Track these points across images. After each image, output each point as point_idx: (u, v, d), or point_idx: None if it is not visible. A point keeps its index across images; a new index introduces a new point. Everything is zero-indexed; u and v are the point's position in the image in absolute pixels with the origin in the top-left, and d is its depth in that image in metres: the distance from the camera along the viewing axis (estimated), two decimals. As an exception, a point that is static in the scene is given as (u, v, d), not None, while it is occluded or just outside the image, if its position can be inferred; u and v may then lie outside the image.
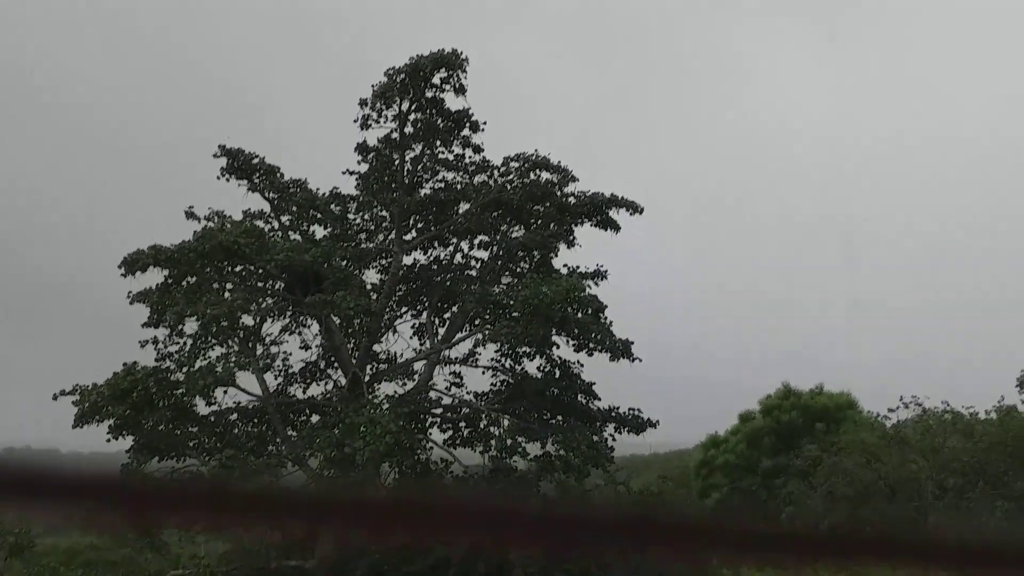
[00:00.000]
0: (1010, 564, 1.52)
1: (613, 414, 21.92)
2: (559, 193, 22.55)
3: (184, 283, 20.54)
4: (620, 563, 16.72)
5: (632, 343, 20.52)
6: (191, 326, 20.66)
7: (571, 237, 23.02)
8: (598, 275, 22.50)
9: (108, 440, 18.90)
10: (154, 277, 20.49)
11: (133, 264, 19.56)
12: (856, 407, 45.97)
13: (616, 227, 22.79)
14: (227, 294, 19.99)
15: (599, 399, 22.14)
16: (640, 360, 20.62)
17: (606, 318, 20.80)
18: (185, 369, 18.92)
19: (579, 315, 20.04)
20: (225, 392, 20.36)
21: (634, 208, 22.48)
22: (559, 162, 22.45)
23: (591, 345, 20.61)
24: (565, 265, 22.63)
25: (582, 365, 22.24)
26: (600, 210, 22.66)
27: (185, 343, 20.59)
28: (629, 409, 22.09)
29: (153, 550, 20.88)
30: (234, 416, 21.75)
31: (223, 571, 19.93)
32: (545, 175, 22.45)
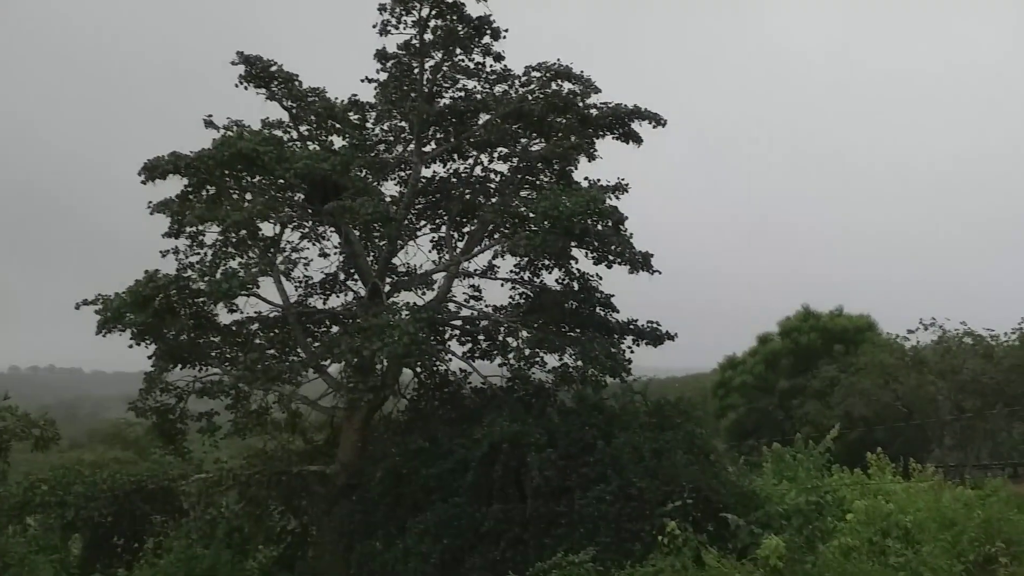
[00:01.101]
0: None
1: (631, 327, 21.92)
2: (581, 104, 22.22)
3: (204, 192, 20.57)
4: (636, 465, 16.89)
5: (652, 255, 20.41)
6: (211, 238, 20.82)
7: (592, 150, 22.77)
8: (619, 188, 22.31)
9: (131, 346, 19.06)
10: (174, 187, 20.54)
11: (153, 170, 19.53)
12: (875, 329, 46.02)
13: (639, 140, 22.52)
14: (246, 203, 19.95)
15: (617, 311, 22.14)
16: (660, 272, 20.50)
17: (626, 230, 20.67)
18: (207, 278, 19.02)
19: (599, 227, 19.89)
20: (247, 301, 20.50)
21: (657, 120, 22.17)
22: (581, 72, 22.14)
23: (610, 257, 20.49)
24: (586, 178, 22.44)
25: (601, 278, 22.24)
26: (622, 122, 22.36)
27: (206, 253, 20.73)
28: (648, 322, 22.06)
29: (177, 456, 21.29)
30: (255, 326, 21.92)
31: (245, 475, 20.31)
32: (567, 85, 22.11)
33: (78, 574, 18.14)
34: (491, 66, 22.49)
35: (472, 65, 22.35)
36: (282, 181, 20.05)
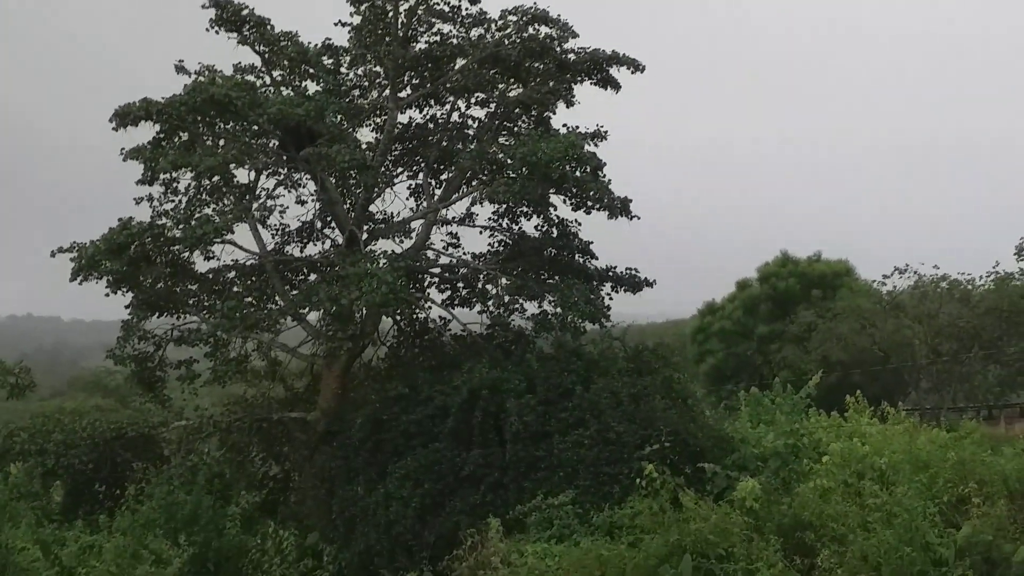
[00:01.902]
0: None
1: (610, 273, 21.95)
2: (558, 49, 21.99)
3: (177, 139, 20.31)
4: (615, 409, 17.03)
5: (631, 200, 20.37)
6: (185, 185, 20.61)
7: (571, 96, 22.58)
8: (597, 136, 22.21)
9: (107, 295, 18.97)
10: (146, 134, 20.27)
11: (124, 117, 19.24)
12: (853, 274, 46.33)
13: (616, 86, 22.36)
14: (220, 150, 19.73)
15: (596, 258, 22.15)
16: (639, 218, 20.51)
17: (605, 176, 20.58)
18: (181, 225, 18.87)
19: (578, 173, 19.80)
20: (223, 249, 20.39)
21: (635, 66, 21.98)
22: (559, 16, 21.85)
23: (589, 203, 20.44)
24: (564, 125, 22.30)
25: (580, 224, 22.20)
26: (600, 68, 22.16)
27: (180, 200, 20.55)
28: (626, 269, 22.10)
29: (157, 404, 21.29)
30: (232, 274, 21.83)
31: (226, 422, 20.37)
32: (544, 30, 21.84)
33: (60, 520, 18.18)
34: (467, 9, 22.14)
35: (447, 8, 21.98)
36: (256, 127, 19.82)
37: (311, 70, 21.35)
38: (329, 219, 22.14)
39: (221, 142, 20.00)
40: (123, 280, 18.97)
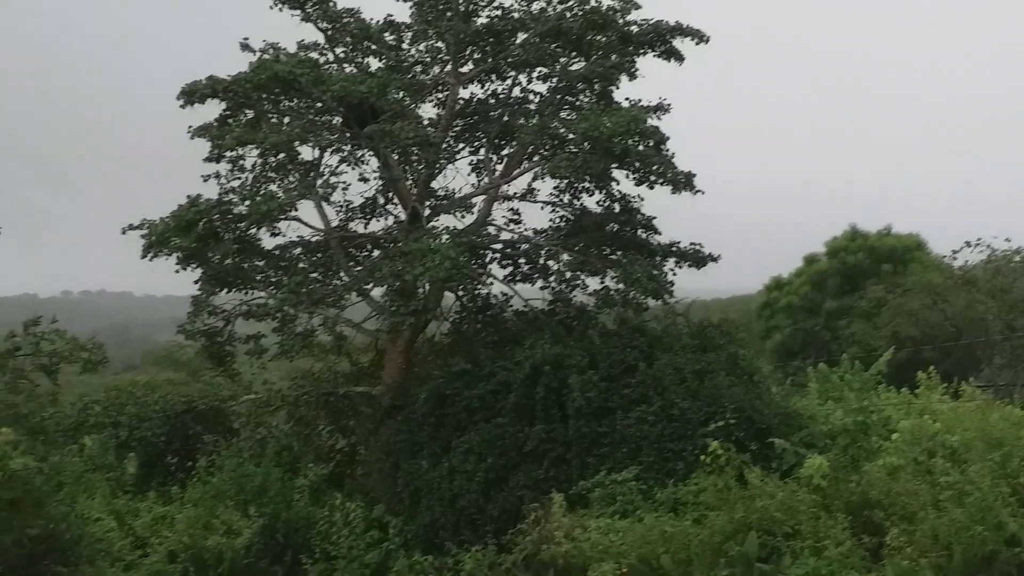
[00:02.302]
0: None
1: (673, 248, 21.71)
2: (621, 21, 21.72)
3: (242, 116, 20.58)
4: (678, 386, 16.91)
5: (695, 175, 20.10)
6: (251, 162, 20.90)
7: (633, 69, 22.31)
8: (660, 109, 21.86)
9: (177, 271, 19.36)
10: (213, 112, 20.58)
11: (191, 95, 19.54)
12: (924, 249, 45.21)
13: (680, 57, 22.04)
14: (285, 127, 19.93)
15: (659, 233, 21.92)
16: (702, 192, 20.20)
17: (668, 150, 20.33)
18: (247, 202, 19.14)
19: (640, 147, 19.59)
20: (289, 225, 20.65)
21: (700, 37, 21.63)
22: (620, -13, 21.54)
23: (652, 178, 20.20)
24: (627, 98, 22.05)
25: (643, 199, 21.97)
26: (664, 39, 21.85)
27: (246, 177, 20.85)
28: (690, 244, 21.85)
29: (226, 377, 21.72)
30: (298, 250, 22.10)
31: (293, 396, 20.69)
32: (607, 2, 21.54)
33: (134, 491, 18.72)
34: (529, -19, 21.94)
35: (509, -19, 21.80)
36: (319, 104, 19.96)
37: (373, 46, 21.36)
38: (392, 195, 22.28)
39: (286, 119, 20.20)
40: (192, 256, 19.32)
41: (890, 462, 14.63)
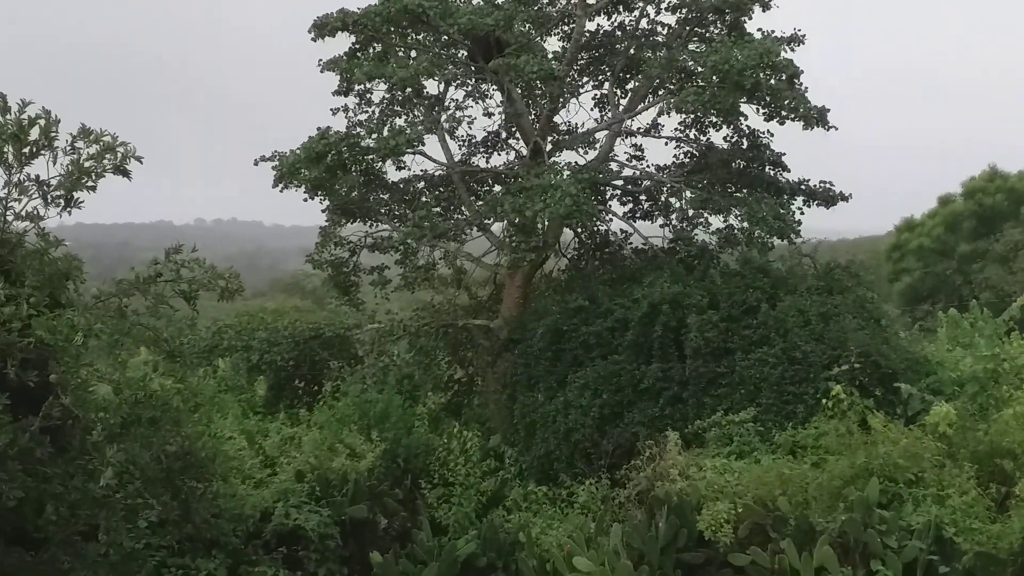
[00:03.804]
0: None
1: (802, 187, 21.11)
2: (757, -53, 20.92)
3: (371, 50, 20.80)
4: (802, 328, 16.60)
5: (828, 110, 19.41)
6: (378, 95, 21.18)
7: (767, -1, 21.49)
8: (795, 40, 21.04)
9: (305, 200, 19.90)
10: (342, 45, 20.87)
11: (322, 28, 19.86)
12: (1070, 191, 42.72)
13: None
14: (412, 61, 20.06)
15: (788, 171, 21.32)
16: (836, 128, 19.55)
17: (801, 84, 19.65)
18: (375, 135, 19.45)
19: (772, 81, 18.98)
20: (413, 159, 20.92)
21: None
22: (758, -88, 20.70)
23: (783, 113, 19.61)
24: (759, 29, 21.27)
25: (772, 135, 21.37)
26: (800, -33, 20.97)
27: (374, 111, 21.16)
28: (820, 182, 21.21)
29: (351, 307, 22.34)
30: (421, 184, 22.41)
31: (415, 326, 21.15)
32: (742, -74, 20.78)
33: (263, 412, 19.55)
34: (661, -92, 21.32)
35: (641, -90, 21.24)
36: (446, 37, 20.01)
37: (501, -24, 21.22)
38: (514, 130, 22.25)
39: (412, 53, 20.32)
40: (320, 187, 19.80)
41: (1021, 411, 14.10)
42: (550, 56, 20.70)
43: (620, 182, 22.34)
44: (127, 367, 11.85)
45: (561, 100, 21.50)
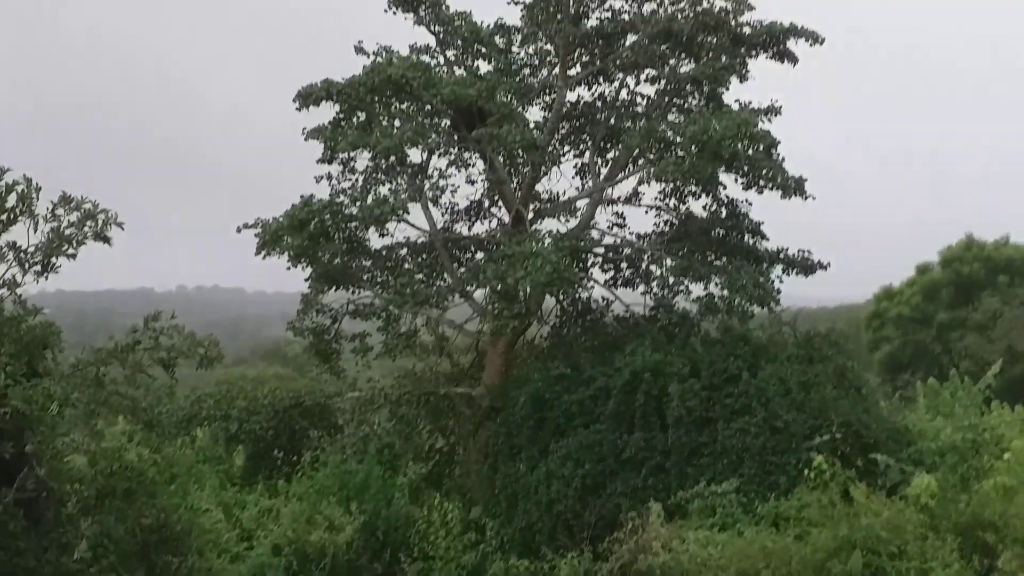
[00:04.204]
0: None
1: (781, 255, 21.30)
2: (733, 23, 21.39)
3: (355, 119, 21.00)
4: (783, 397, 16.59)
5: (806, 180, 19.68)
6: (362, 163, 21.32)
7: (744, 70, 21.90)
8: (771, 111, 21.47)
9: (288, 268, 19.89)
10: (326, 114, 21.07)
11: (307, 97, 20.05)
12: (1046, 259, 43.32)
13: (794, 59, 21.60)
14: (396, 130, 20.26)
15: (767, 239, 21.52)
16: (814, 198, 19.81)
17: (778, 154, 19.95)
18: (358, 203, 19.53)
19: (750, 151, 19.26)
20: (396, 226, 20.98)
21: (815, 38, 21.16)
22: (735, -12, 21.22)
23: (761, 182, 19.87)
24: (736, 100, 21.70)
25: (750, 204, 21.60)
26: (777, 40, 21.44)
27: (357, 179, 21.29)
28: (799, 250, 21.43)
29: (332, 374, 22.20)
30: (404, 251, 22.44)
31: (396, 394, 21.03)
32: (719, 3, 21.20)
33: (241, 484, 19.27)
34: (639, -17, 21.81)
35: (620, -17, 21.70)
36: (429, 107, 20.24)
37: (483, 49, 21.57)
38: (496, 198, 22.41)
39: (396, 122, 20.53)
40: (303, 255, 19.78)
41: (1002, 482, 14.08)
42: (532, 126, 20.97)
43: (601, 249, 22.48)
44: (103, 437, 11.71)
45: (543, 169, 21.71)
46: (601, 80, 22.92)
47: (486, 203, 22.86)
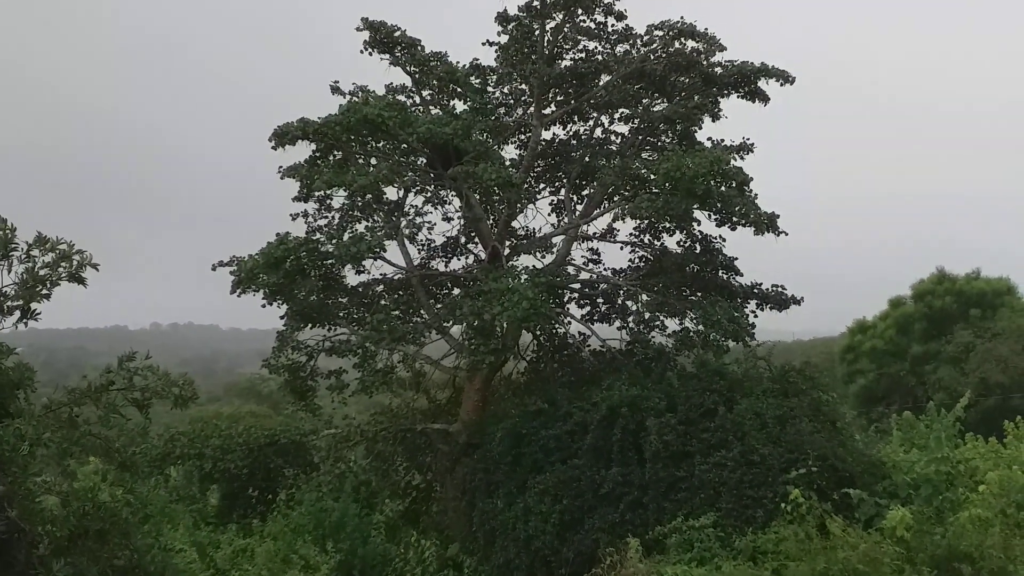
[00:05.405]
0: None
1: (755, 290, 21.54)
2: (705, 63, 21.80)
3: (331, 157, 21.10)
4: (759, 431, 16.66)
5: (778, 216, 19.93)
6: (338, 201, 21.40)
7: (717, 109, 22.29)
8: (743, 148, 21.85)
9: (263, 305, 19.82)
10: (302, 153, 21.15)
11: (283, 136, 20.14)
12: (1015, 293, 43.85)
13: (765, 99, 21.97)
14: (372, 168, 20.36)
15: (741, 275, 21.78)
16: (786, 234, 20.02)
17: (751, 191, 20.21)
18: (335, 241, 19.56)
19: (723, 188, 19.51)
20: (373, 263, 21.02)
21: (785, 78, 21.54)
22: (706, 30, 21.65)
23: (734, 219, 20.11)
24: (709, 139, 22.06)
25: (724, 240, 21.87)
26: (748, 80, 21.82)
27: (333, 217, 21.35)
28: (772, 286, 21.64)
29: (308, 412, 22.09)
30: (380, 288, 22.50)
31: (372, 431, 20.95)
32: (691, 44, 21.70)
33: (215, 523, 19.07)
34: (613, 25, 22.26)
35: (593, 25, 22.16)
36: (405, 146, 20.38)
37: (459, 89, 21.81)
38: (473, 235, 22.56)
39: (372, 160, 20.64)
40: (279, 292, 19.75)
41: (976, 514, 14.17)
42: (508, 164, 21.16)
43: (577, 285, 22.64)
44: (76, 477, 11.59)
45: (519, 206, 21.93)
46: (576, 119, 23.28)
47: (462, 239, 23.02)
